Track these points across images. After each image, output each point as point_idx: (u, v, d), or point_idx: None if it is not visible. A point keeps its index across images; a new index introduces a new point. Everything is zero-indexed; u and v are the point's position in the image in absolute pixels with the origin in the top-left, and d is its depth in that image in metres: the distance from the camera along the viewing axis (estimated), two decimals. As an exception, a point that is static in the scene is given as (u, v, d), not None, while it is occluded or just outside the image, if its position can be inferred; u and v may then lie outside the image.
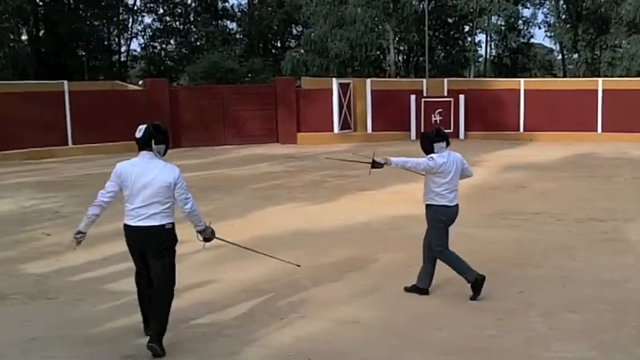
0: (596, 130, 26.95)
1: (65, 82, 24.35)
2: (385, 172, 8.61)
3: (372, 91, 27.60)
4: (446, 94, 27.74)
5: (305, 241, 10.53)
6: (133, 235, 6.33)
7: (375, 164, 7.75)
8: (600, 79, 28.17)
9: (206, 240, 6.78)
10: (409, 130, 27.47)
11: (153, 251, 6.32)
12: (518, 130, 27.55)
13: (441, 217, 7.81)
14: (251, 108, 26.55)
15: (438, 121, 27.29)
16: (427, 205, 7.93)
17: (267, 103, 26.82)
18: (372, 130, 27.62)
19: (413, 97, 27.42)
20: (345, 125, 27.21)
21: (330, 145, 25.42)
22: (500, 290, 7.95)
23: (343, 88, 27.17)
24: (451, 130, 27.20)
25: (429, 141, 7.99)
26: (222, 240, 7.05)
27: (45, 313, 7.34)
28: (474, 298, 7.68)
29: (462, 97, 27.39)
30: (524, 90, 27.55)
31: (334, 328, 6.82)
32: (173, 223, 6.39)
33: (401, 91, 27.83)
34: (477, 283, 7.71)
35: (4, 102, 22.16)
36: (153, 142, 6.33)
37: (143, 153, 6.36)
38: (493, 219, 12.08)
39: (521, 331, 6.70)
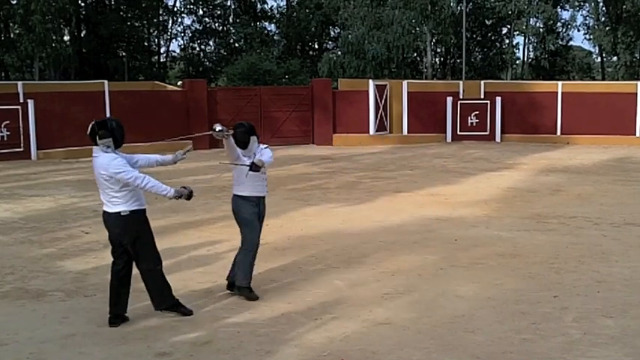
0: (635, 134, 26.64)
1: (105, 82, 24.66)
2: (420, 174, 8.63)
3: (408, 92, 27.54)
4: (482, 96, 27.57)
5: (339, 242, 10.56)
6: (103, 217, 7.11)
7: (252, 167, 7.59)
8: (639, 83, 27.78)
9: (188, 198, 7.19)
10: (445, 132, 27.41)
11: (119, 236, 7.00)
12: (556, 133, 27.32)
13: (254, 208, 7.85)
14: (288, 109, 26.66)
15: (474, 124, 27.21)
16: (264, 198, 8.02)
17: (304, 104, 26.90)
18: (408, 132, 27.58)
19: (449, 99, 27.33)
20: (380, 127, 27.19)
21: (365, 147, 25.46)
22: (536, 294, 7.92)
23: (380, 89, 27.15)
24: (487, 133, 27.13)
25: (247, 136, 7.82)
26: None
27: (82, 310, 7.45)
28: (232, 288, 7.93)
29: (498, 99, 27.22)
30: (562, 93, 27.30)
31: (367, 330, 6.84)
32: (132, 211, 6.92)
33: (437, 93, 27.75)
34: (243, 291, 7.85)
35: (45, 101, 22.50)
36: (97, 137, 6.92)
37: (94, 148, 7.03)
38: (529, 222, 12.01)
39: (556, 336, 6.66)
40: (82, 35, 44.01)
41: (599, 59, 53.12)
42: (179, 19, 49.02)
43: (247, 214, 7.82)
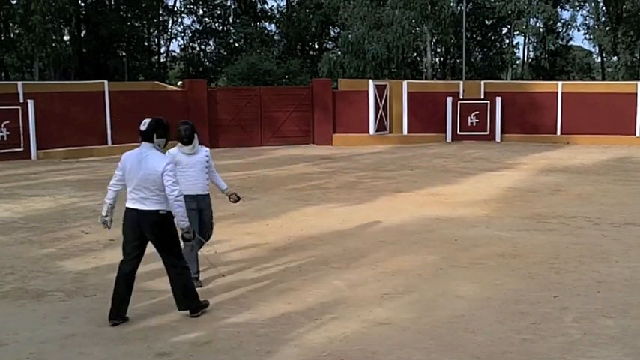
0: (635, 134, 26.66)
1: (105, 82, 24.67)
2: (420, 174, 8.65)
3: (408, 92, 27.54)
4: (482, 96, 27.57)
5: (339, 242, 10.56)
6: (128, 215, 7.03)
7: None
8: (639, 83, 27.78)
9: (185, 240, 7.23)
10: (445, 132, 27.41)
11: (149, 234, 7.00)
12: (555, 133, 27.33)
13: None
14: (288, 109, 26.65)
15: (474, 124, 27.21)
16: (208, 195, 8.44)
17: (304, 104, 26.89)
18: (408, 132, 27.58)
19: (449, 99, 27.34)
20: (380, 127, 27.19)
21: (365, 147, 25.46)
22: (536, 294, 7.91)
23: (380, 89, 27.15)
24: (487, 133, 27.14)
25: None
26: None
27: (83, 310, 7.45)
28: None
29: (498, 99, 27.23)
30: (562, 93, 27.31)
31: (367, 330, 6.84)
32: (169, 212, 6.99)
33: (437, 93, 27.75)
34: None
35: (45, 101, 22.49)
36: (155, 135, 7.02)
37: (144, 144, 7.04)
38: (529, 222, 12.00)
39: (556, 336, 6.66)
40: (82, 35, 44.00)
41: (599, 59, 53.12)
42: (179, 19, 49.06)
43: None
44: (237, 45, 46.59)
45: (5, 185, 16.66)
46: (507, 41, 49.50)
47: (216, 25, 48.96)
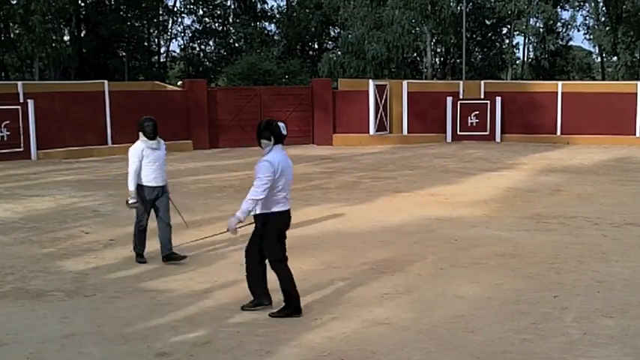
0: (635, 134, 26.66)
1: (105, 82, 24.65)
2: (420, 174, 8.64)
3: (408, 92, 27.54)
4: (482, 96, 27.57)
5: (339, 242, 10.56)
6: (286, 219, 7.22)
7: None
8: (639, 83, 27.77)
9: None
10: (445, 132, 27.41)
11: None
12: (556, 133, 27.34)
13: None
14: (288, 109, 26.61)
15: (474, 124, 27.21)
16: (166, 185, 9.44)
17: (304, 104, 26.89)
18: (408, 132, 27.58)
19: (449, 99, 27.34)
20: (381, 127, 27.19)
21: (365, 147, 25.46)
22: (536, 294, 7.91)
23: (380, 89, 27.14)
24: (487, 133, 27.13)
25: None
26: None
27: (82, 310, 7.44)
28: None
29: (498, 99, 27.23)
30: (562, 93, 27.31)
31: (367, 329, 6.84)
32: None
33: (437, 93, 27.75)
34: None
35: (45, 101, 22.47)
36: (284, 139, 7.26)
37: (280, 147, 7.30)
38: (529, 222, 12.00)
39: (556, 336, 6.65)
40: (82, 35, 44.01)
41: (599, 59, 53.11)
42: (179, 19, 49.08)
43: (142, 199, 9.13)
44: (237, 45, 46.59)
45: (5, 185, 16.66)
46: (507, 41, 49.50)
47: (216, 25, 48.97)
